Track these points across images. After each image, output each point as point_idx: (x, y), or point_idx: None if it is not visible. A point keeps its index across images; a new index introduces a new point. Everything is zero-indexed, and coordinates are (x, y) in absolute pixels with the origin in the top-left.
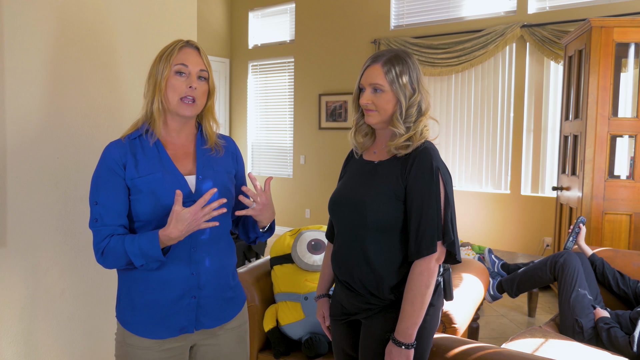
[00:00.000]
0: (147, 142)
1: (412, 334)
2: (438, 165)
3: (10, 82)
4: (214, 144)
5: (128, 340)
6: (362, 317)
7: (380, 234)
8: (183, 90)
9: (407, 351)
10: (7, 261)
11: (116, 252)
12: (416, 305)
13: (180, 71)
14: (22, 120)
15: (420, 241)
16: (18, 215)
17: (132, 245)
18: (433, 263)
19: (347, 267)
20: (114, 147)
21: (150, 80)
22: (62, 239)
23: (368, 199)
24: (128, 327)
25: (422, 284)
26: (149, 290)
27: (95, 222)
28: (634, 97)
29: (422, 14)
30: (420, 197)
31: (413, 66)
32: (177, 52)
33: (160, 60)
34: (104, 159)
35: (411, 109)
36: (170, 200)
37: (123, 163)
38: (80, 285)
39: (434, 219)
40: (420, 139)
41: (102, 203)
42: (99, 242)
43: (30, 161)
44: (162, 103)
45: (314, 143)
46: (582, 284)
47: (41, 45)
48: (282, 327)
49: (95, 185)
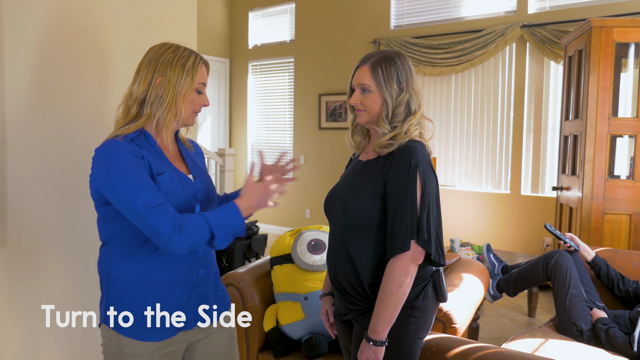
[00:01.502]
0: (145, 143)
1: (381, 332)
2: (417, 164)
3: (11, 82)
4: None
5: (126, 349)
6: (351, 317)
7: (361, 231)
8: (198, 107)
9: (375, 348)
10: (7, 261)
11: (196, 225)
12: (386, 304)
13: (200, 90)
14: (22, 120)
15: (394, 239)
16: (18, 215)
17: (211, 215)
18: (406, 262)
19: (335, 266)
20: (124, 144)
21: (167, 90)
22: (62, 238)
23: (349, 197)
24: (124, 331)
25: (393, 283)
26: (151, 287)
27: (147, 207)
28: (634, 97)
29: (422, 14)
30: (396, 194)
31: (402, 67)
32: (200, 70)
33: (182, 72)
34: (119, 151)
35: (398, 109)
36: (181, 200)
37: (142, 155)
38: (80, 285)
39: (409, 217)
40: (404, 137)
41: (147, 186)
42: (165, 219)
43: (30, 161)
44: (176, 114)
45: (314, 143)
46: (576, 285)
47: (41, 45)
48: (282, 327)
49: (127, 175)
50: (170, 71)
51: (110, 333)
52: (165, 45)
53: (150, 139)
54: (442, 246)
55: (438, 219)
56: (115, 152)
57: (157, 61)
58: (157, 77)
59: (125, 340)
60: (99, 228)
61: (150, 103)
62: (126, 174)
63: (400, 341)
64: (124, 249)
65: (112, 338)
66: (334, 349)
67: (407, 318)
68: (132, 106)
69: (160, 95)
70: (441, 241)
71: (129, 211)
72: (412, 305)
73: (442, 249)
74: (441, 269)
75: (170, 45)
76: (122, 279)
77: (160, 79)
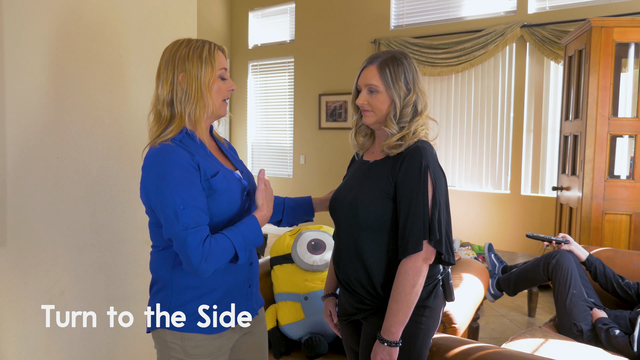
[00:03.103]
0: (192, 143)
1: (395, 332)
2: (428, 164)
3: (11, 82)
4: (221, 139)
5: (192, 351)
6: (360, 317)
7: (372, 232)
8: (225, 93)
9: (390, 349)
10: (7, 261)
11: (221, 249)
12: (400, 304)
13: (223, 76)
14: (22, 119)
15: (407, 239)
16: (18, 215)
17: (236, 236)
18: (420, 262)
19: (344, 267)
20: (177, 149)
21: (190, 83)
22: (62, 238)
23: (360, 198)
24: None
25: (407, 283)
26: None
27: (186, 228)
28: (634, 97)
29: (422, 14)
30: (408, 195)
31: (409, 67)
32: (218, 56)
33: (200, 62)
34: (174, 160)
35: (406, 109)
36: (238, 198)
37: (197, 162)
38: (80, 285)
39: (421, 218)
40: (412, 138)
41: (191, 205)
42: (198, 246)
43: (30, 161)
44: (205, 105)
45: (314, 143)
46: (577, 285)
47: (41, 45)
48: (282, 327)
49: (175, 188)
50: (189, 64)
51: (173, 336)
52: (177, 42)
53: (195, 138)
54: (452, 245)
55: (448, 218)
56: (168, 159)
57: (174, 59)
58: (178, 74)
59: (190, 341)
60: (152, 232)
61: (179, 101)
62: (174, 186)
63: (412, 340)
64: None
65: (175, 341)
66: (334, 349)
67: (419, 317)
68: (162, 110)
69: (186, 91)
70: (451, 240)
71: (167, 226)
72: (424, 305)
73: (452, 248)
74: (449, 268)
75: (182, 41)
76: (190, 285)
77: (182, 74)
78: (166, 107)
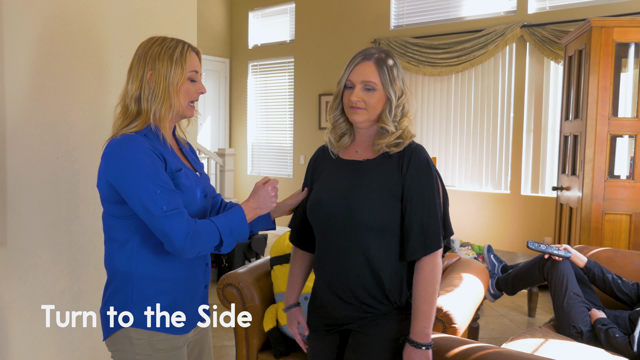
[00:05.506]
0: (157, 139)
1: (429, 334)
2: (430, 161)
3: (10, 82)
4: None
5: (159, 345)
6: (356, 326)
7: (379, 234)
8: (193, 95)
9: (427, 352)
10: (7, 261)
11: (207, 232)
12: (431, 304)
13: (192, 79)
14: (21, 119)
15: (426, 237)
16: (18, 215)
17: (220, 221)
18: (439, 258)
19: (340, 273)
20: (141, 138)
21: (158, 82)
22: (61, 238)
23: (362, 199)
24: (158, 328)
25: (434, 281)
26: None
27: (163, 210)
28: (634, 97)
29: (422, 14)
30: (420, 193)
31: (399, 66)
32: (189, 58)
33: (170, 63)
34: (139, 148)
35: (398, 109)
36: (198, 198)
37: (161, 153)
38: (80, 285)
39: (437, 215)
40: (409, 137)
41: (165, 189)
42: (181, 225)
43: (30, 161)
44: (171, 106)
45: (314, 143)
46: (574, 285)
47: (41, 46)
48: (282, 327)
49: (143, 173)
50: (159, 64)
51: (138, 333)
52: (152, 39)
53: (159, 135)
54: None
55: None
56: (133, 147)
57: (146, 56)
58: (147, 72)
59: (158, 337)
60: (111, 226)
61: (146, 99)
62: (144, 172)
63: None
64: (150, 245)
65: (141, 337)
66: None
67: None
68: (130, 104)
69: (153, 90)
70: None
71: (143, 212)
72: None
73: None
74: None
75: (157, 39)
76: (151, 276)
77: (151, 72)
78: (134, 103)
